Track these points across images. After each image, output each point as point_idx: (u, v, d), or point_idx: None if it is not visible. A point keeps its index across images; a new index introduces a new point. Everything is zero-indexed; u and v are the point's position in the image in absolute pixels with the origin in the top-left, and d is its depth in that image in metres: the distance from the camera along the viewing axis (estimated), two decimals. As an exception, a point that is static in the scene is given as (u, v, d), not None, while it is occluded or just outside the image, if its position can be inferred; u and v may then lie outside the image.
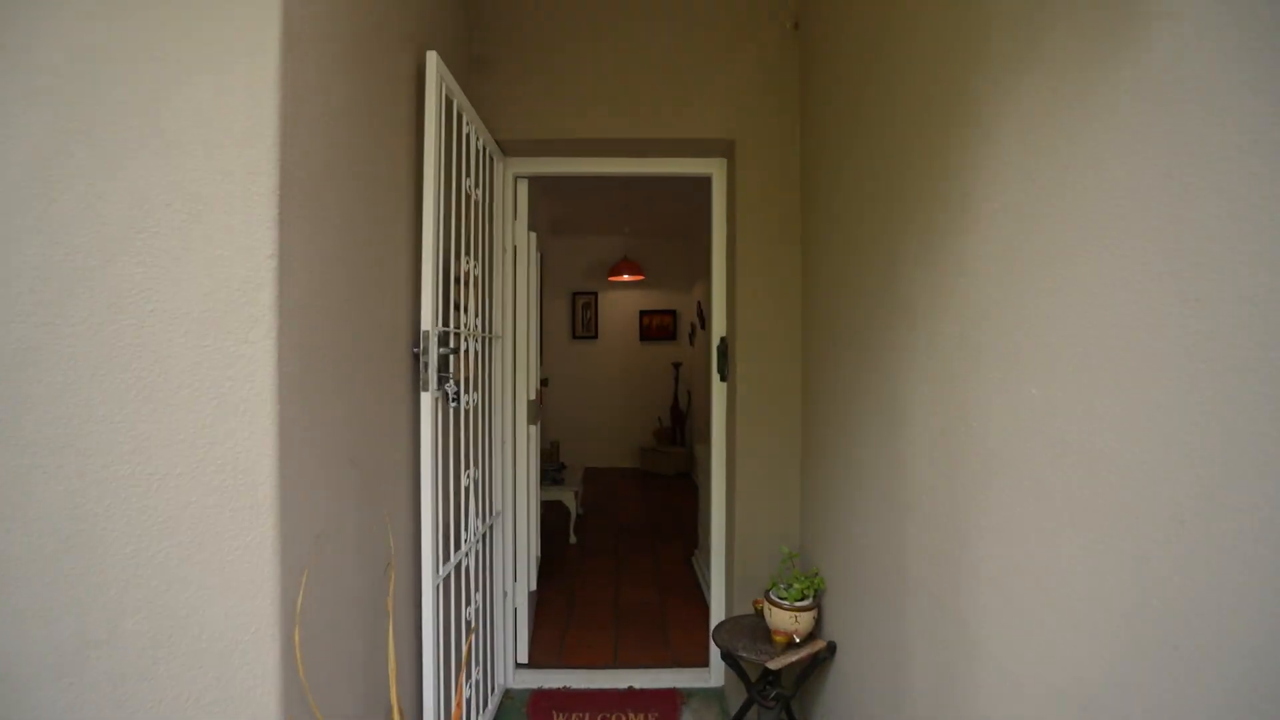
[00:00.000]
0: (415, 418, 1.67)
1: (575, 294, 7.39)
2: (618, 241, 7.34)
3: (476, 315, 2.15)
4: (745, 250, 2.38)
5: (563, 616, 3.33)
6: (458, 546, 1.96)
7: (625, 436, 7.46)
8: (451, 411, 1.85)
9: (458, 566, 1.94)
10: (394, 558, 1.48)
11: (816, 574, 2.10)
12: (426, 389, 1.62)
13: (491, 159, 2.43)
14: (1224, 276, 0.66)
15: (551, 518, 5.08)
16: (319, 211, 1.17)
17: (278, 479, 1.02)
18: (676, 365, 7.12)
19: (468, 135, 2.02)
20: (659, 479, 6.82)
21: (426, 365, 1.62)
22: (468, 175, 2.03)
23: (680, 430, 7.09)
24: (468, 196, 2.05)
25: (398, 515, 1.56)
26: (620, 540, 4.66)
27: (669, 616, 3.31)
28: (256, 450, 1.01)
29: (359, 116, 1.35)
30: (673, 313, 7.40)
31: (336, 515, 1.23)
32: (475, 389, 2.17)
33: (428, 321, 1.62)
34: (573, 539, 4.53)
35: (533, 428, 2.89)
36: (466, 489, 2.03)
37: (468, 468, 2.05)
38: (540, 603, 3.46)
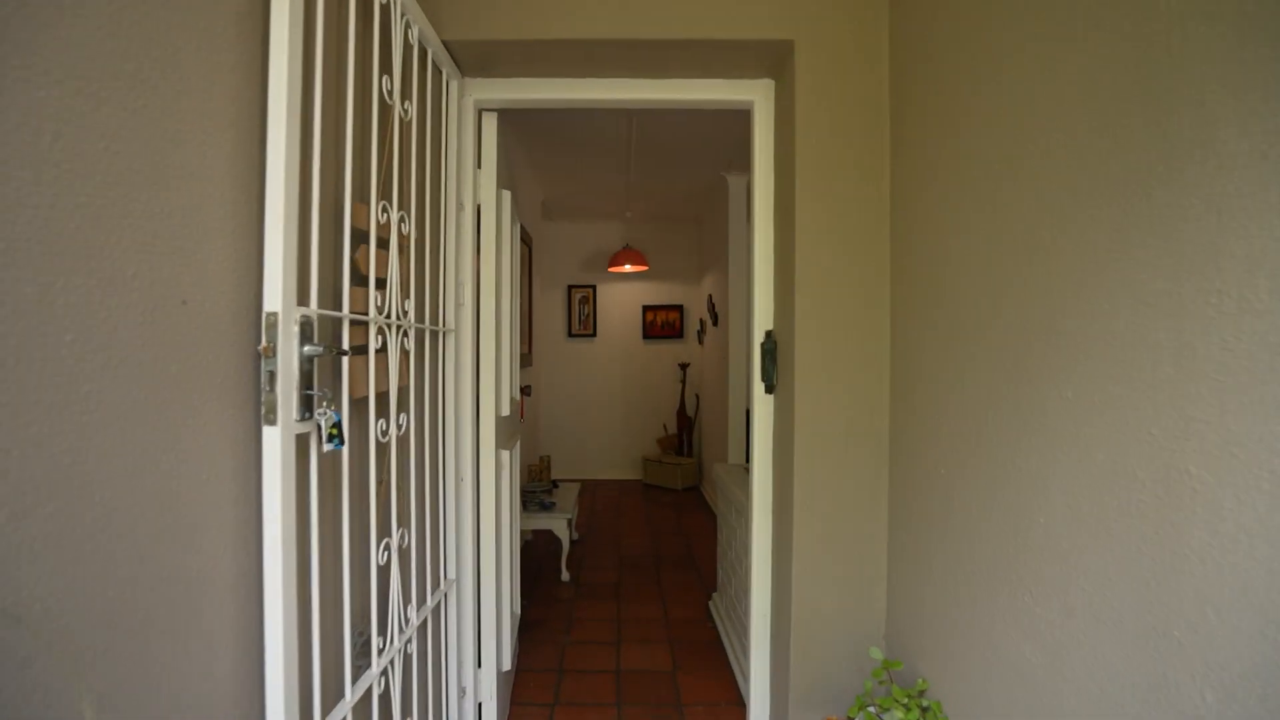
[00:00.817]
0: (256, 473, 0.92)
1: (571, 287, 6.64)
2: (618, 228, 6.60)
3: (406, 296, 1.41)
4: (808, 209, 1.63)
5: (549, 692, 2.59)
6: (365, 665, 1.21)
7: (626, 446, 6.71)
8: (345, 454, 1.11)
9: (364, 701, 1.20)
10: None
11: (922, 692, 1.37)
12: (274, 421, 0.88)
13: (442, 74, 1.69)
14: None
15: (540, 547, 4.35)
16: None
17: None
18: (684, 366, 6.38)
19: (386, 6, 1.28)
20: (664, 493, 6.07)
21: (274, 376, 0.88)
22: (386, 73, 1.29)
23: (687, 439, 6.35)
24: (384, 106, 1.31)
25: (209, 667, 0.82)
26: (622, 574, 3.92)
27: (686, 693, 2.58)
28: None
29: None
30: (679, 308, 6.65)
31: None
32: (405, 408, 1.43)
33: (275, 297, 0.88)
34: (565, 575, 3.79)
35: (506, 453, 2.15)
36: (384, 568, 1.29)
37: (387, 535, 1.31)
38: (521, 671, 2.72)
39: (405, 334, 1.40)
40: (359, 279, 1.22)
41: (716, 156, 4.38)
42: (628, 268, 5.90)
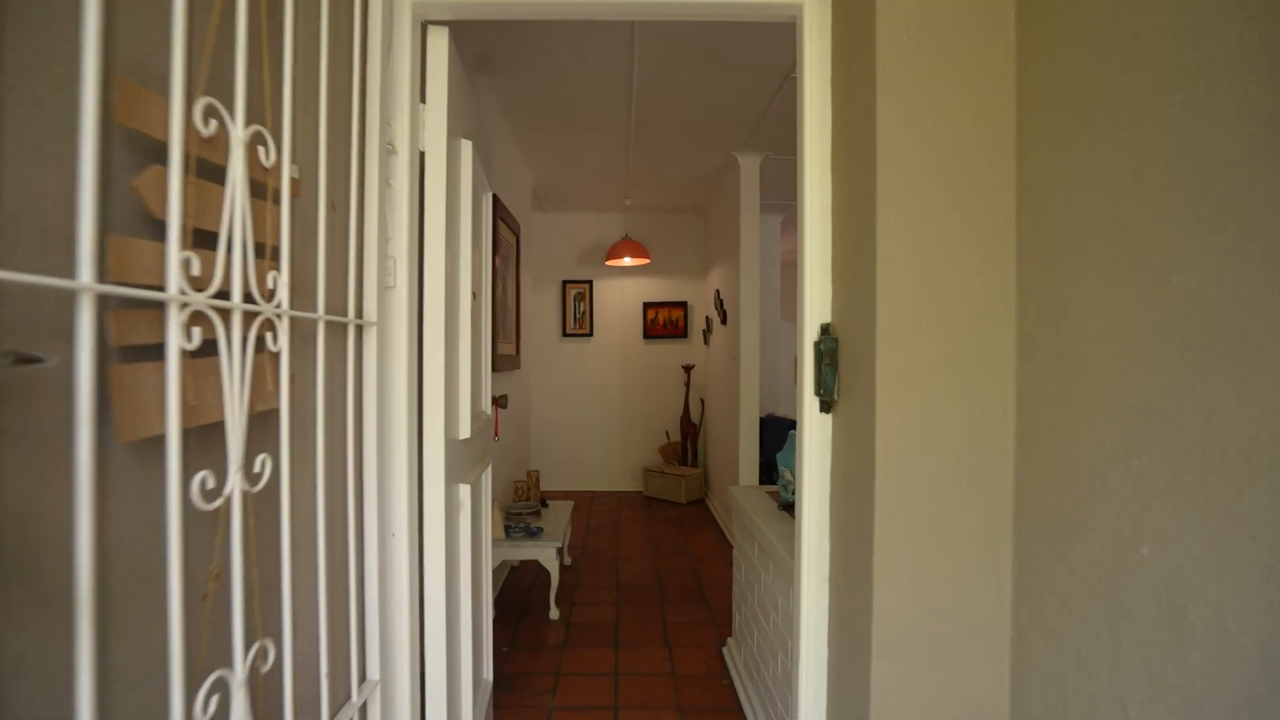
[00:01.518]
0: None
1: (566, 283, 6.11)
2: (616, 219, 6.07)
3: (275, 265, 0.88)
4: (894, 144, 1.11)
5: (528, 780, 2.06)
6: None
7: (626, 455, 6.18)
8: (81, 554, 0.58)
9: None
10: None
11: None
12: None
13: (353, -51, 1.16)
14: None
15: (527, 575, 3.82)
16: None
17: None
18: (688, 368, 5.85)
19: None
20: (668, 508, 5.54)
21: None
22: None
23: (692, 448, 5.82)
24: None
25: None
26: (621, 610, 3.39)
27: (699, 779, 2.05)
28: None
29: None
30: (683, 305, 6.12)
31: None
32: (274, 445, 0.90)
33: None
34: (554, 613, 3.26)
35: (466, 487, 1.63)
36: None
37: (224, 666, 0.78)
38: (494, 750, 2.20)
39: (272, 326, 0.87)
40: (152, 226, 0.69)
41: (726, 133, 3.86)
42: (627, 260, 5.38)
